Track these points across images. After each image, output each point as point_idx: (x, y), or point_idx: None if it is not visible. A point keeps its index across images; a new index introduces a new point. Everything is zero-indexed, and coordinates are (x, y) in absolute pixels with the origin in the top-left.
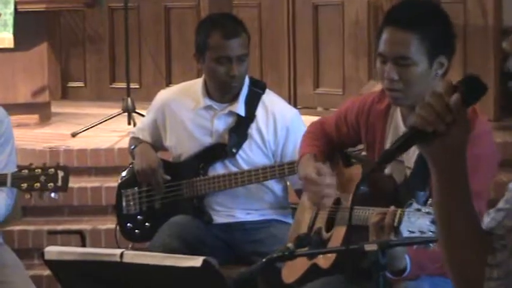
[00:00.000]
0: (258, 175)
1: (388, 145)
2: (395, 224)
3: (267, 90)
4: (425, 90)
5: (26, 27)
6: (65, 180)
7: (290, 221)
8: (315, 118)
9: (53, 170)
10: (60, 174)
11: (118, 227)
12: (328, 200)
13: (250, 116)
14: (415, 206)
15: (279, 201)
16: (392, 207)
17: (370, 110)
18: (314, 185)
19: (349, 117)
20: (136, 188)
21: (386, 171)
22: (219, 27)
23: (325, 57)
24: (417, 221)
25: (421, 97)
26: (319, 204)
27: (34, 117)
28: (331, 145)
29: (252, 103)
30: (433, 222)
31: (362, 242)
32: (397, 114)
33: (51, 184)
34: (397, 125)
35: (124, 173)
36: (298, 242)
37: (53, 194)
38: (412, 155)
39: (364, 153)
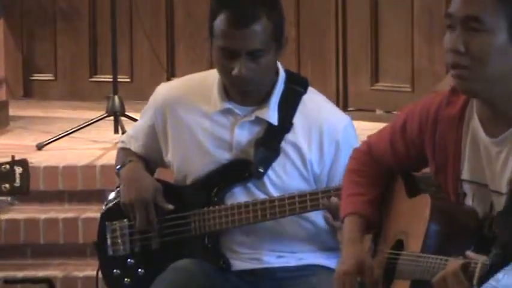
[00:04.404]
0: (294, 205)
1: (465, 166)
2: (475, 282)
3: (310, 89)
4: (502, 73)
5: None
6: (25, 178)
7: None
8: (372, 124)
9: (7, 166)
10: (18, 170)
11: (101, 274)
12: None
13: (285, 124)
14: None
15: (322, 240)
16: (468, 254)
17: (436, 117)
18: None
19: (409, 131)
20: (126, 221)
21: (467, 200)
22: (228, 8)
23: (387, 41)
24: (503, 279)
25: (497, 83)
26: None
27: None
28: (386, 176)
29: (289, 106)
30: None
31: None
32: (475, 121)
33: (6, 186)
34: (476, 136)
35: (111, 197)
36: None
37: (9, 198)
38: (500, 172)
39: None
